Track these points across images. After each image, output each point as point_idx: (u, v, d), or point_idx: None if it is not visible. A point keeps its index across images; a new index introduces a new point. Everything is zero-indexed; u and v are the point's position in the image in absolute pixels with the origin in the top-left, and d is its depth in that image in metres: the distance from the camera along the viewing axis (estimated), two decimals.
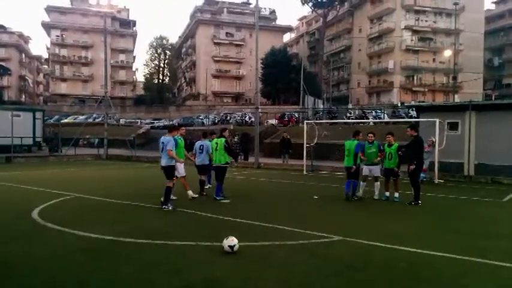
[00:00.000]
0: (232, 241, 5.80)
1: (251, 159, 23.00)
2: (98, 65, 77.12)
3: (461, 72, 58.20)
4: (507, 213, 9.77)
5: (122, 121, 48.09)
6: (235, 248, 5.75)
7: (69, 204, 9.90)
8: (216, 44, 77.29)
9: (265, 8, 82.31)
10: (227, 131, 11.51)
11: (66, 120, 50.94)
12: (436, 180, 15.12)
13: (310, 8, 72.76)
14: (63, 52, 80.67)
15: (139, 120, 49.05)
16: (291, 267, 5.30)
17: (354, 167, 10.50)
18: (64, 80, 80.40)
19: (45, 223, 7.57)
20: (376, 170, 10.92)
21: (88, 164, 24.37)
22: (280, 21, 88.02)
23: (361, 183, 11.02)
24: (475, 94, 55.66)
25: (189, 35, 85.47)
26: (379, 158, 10.74)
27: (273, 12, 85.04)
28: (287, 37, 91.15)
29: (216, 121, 38.84)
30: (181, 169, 10.24)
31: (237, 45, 78.32)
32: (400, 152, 10.52)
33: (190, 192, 10.57)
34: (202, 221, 8.13)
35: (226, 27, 78.70)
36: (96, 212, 9.02)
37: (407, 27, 64.40)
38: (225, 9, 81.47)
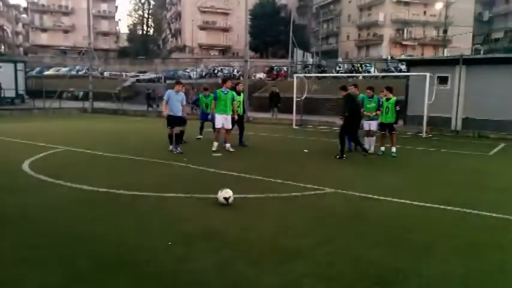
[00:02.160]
0: (227, 193, 5.83)
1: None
2: (79, 14, 74.28)
3: (452, 25, 57.56)
4: (493, 166, 9.98)
5: (106, 74, 46.93)
6: (230, 200, 5.79)
7: (60, 157, 9.82)
8: None
9: None
10: (240, 85, 12.58)
11: (48, 72, 49.58)
12: (424, 134, 15.30)
13: None
14: (42, 1, 77.15)
15: (124, 73, 47.92)
16: (286, 218, 5.39)
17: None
18: (44, 30, 77.53)
19: (37, 175, 7.51)
20: (374, 125, 10.94)
21: (74, 117, 24.03)
22: None
23: (366, 138, 11.02)
24: (465, 49, 55.42)
25: None
26: (376, 112, 10.72)
27: None
28: None
29: (204, 74, 38.18)
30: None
31: None
32: (397, 107, 10.51)
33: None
34: (195, 174, 8.15)
35: None
36: (87, 165, 8.98)
37: None
38: None
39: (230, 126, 11.17)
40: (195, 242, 4.47)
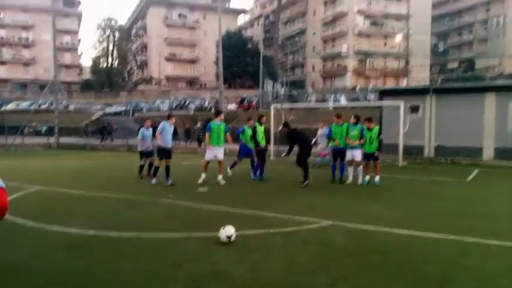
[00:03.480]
0: (229, 230, 5.61)
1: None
2: (40, 47, 72.87)
3: (411, 56, 60.37)
4: (475, 192, 10.18)
5: (71, 107, 45.78)
6: (233, 238, 5.57)
7: (35, 198, 9.21)
8: (168, 26, 75.14)
9: None
10: (264, 117, 12.70)
11: (8, 107, 47.81)
12: (400, 163, 15.59)
13: None
14: (1, 33, 75.23)
15: (90, 107, 46.89)
16: (292, 254, 5.21)
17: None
18: (3, 63, 75.17)
19: (14, 218, 6.98)
20: (359, 155, 10.93)
21: (39, 154, 22.98)
22: (234, 3, 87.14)
23: (349, 168, 11.10)
24: (423, 78, 57.99)
25: (139, 16, 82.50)
26: (359, 142, 10.81)
27: None
28: (241, 20, 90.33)
29: (174, 106, 37.87)
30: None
31: (191, 28, 76.58)
32: (380, 136, 10.68)
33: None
34: (186, 211, 7.83)
35: (178, 8, 76.52)
36: (67, 206, 8.43)
37: (360, 12, 65.70)
38: None
39: (222, 158, 11.21)
40: (207, 284, 4.23)
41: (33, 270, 4.68)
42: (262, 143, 12.04)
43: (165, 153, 10.74)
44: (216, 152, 11.06)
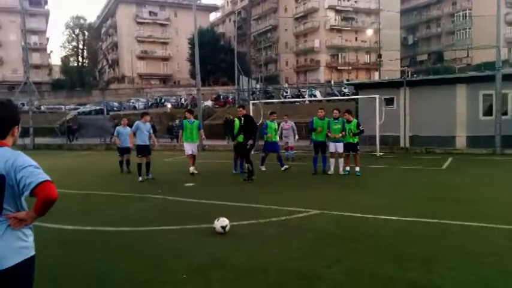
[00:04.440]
0: (223, 221, 5.80)
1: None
2: (6, 47, 70.66)
3: (382, 50, 61.58)
4: (452, 179, 10.64)
5: (43, 108, 44.64)
6: (227, 228, 5.77)
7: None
8: (139, 23, 73.95)
9: None
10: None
11: None
12: (378, 154, 16.10)
13: None
14: None
15: (63, 106, 45.88)
16: (286, 242, 5.46)
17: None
18: None
19: None
20: (341, 147, 11.29)
21: None
22: (205, 0, 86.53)
23: (331, 159, 11.45)
24: (394, 71, 59.38)
25: (109, 14, 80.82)
26: (341, 134, 11.16)
27: None
28: (213, 17, 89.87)
29: (149, 104, 37.53)
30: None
31: (162, 25, 75.61)
32: (361, 127, 11.06)
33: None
34: (176, 205, 8.00)
35: (149, 5, 75.50)
36: (57, 203, 8.41)
37: (330, 7, 66.42)
38: None
39: (196, 152, 12.07)
40: (209, 272, 4.41)
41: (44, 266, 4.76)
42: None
43: (142, 149, 11.09)
44: (191, 147, 11.82)
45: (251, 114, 19.01)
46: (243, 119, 10.77)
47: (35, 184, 2.18)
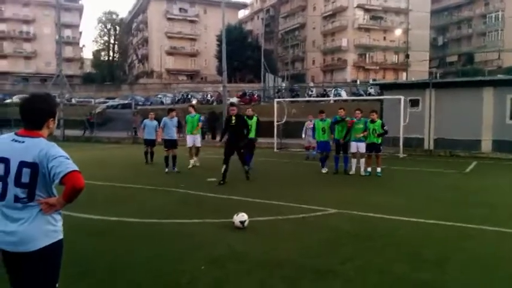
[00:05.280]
0: (243, 217, 6.02)
1: (218, 138, 23.01)
2: (41, 40, 72.93)
3: (410, 50, 60.58)
4: (473, 183, 10.59)
5: (73, 100, 46.00)
6: (246, 224, 5.98)
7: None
8: (169, 19, 75.05)
9: None
10: (249, 109, 13.29)
11: (11, 100, 47.99)
12: (401, 155, 16.00)
13: None
14: (2, 27, 75.14)
15: (92, 100, 47.14)
16: (303, 239, 5.63)
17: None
18: (4, 56, 75.21)
19: None
20: (363, 147, 11.34)
21: None
22: None
23: (353, 160, 11.57)
24: (422, 72, 58.36)
25: (140, 9, 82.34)
26: (363, 134, 11.22)
27: None
28: (242, 14, 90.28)
29: (176, 100, 38.09)
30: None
31: (191, 21, 76.52)
32: (385, 127, 11.10)
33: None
34: (199, 200, 8.25)
35: (179, 2, 76.50)
36: (84, 193, 8.81)
37: (359, 6, 65.79)
38: None
39: (199, 144, 13.32)
40: (226, 264, 4.63)
41: (66, 250, 5.09)
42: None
43: (170, 143, 11.95)
44: (192, 139, 12.99)
45: (275, 112, 19.24)
46: (234, 118, 10.12)
47: (64, 173, 2.36)
